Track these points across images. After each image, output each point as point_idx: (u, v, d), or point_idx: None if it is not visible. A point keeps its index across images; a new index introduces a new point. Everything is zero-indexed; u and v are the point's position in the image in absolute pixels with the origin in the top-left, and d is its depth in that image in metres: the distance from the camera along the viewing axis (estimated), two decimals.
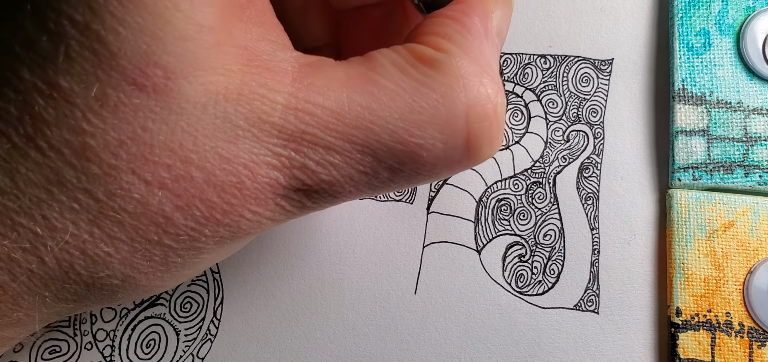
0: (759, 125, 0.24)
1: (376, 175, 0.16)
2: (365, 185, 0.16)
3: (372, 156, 0.15)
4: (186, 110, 0.13)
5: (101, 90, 0.13)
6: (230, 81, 0.14)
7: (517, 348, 0.24)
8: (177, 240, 0.14)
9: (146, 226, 0.14)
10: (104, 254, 0.14)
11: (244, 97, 0.14)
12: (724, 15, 0.25)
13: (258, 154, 0.14)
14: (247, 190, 0.14)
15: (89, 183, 0.13)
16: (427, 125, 0.15)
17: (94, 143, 0.13)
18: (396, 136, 0.15)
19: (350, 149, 0.15)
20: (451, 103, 0.15)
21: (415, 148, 0.15)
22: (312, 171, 0.15)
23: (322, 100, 0.14)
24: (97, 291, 0.15)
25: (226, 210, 0.14)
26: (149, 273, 0.15)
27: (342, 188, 0.16)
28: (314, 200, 0.16)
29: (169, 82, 0.13)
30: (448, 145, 0.15)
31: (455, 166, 0.16)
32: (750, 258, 0.23)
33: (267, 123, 0.14)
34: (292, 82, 0.14)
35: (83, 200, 0.13)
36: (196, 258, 0.15)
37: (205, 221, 0.14)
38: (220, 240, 0.15)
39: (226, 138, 0.14)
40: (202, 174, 0.14)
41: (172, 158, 0.13)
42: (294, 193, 0.15)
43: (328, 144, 0.15)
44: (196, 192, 0.14)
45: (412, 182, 0.17)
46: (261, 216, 0.15)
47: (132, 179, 0.13)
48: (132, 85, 0.13)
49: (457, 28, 0.16)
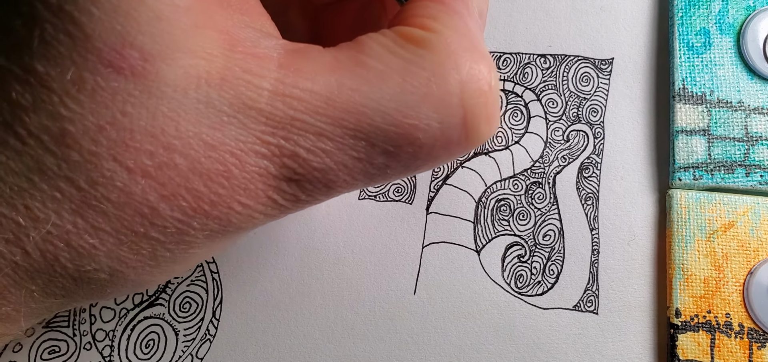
0: (760, 125, 0.24)
1: (371, 161, 0.15)
2: (360, 173, 0.15)
3: (365, 140, 0.15)
4: (166, 94, 0.13)
5: (77, 73, 0.12)
6: (212, 65, 0.13)
7: (516, 348, 0.24)
8: (164, 233, 0.14)
9: (131, 217, 0.14)
10: (89, 246, 0.14)
11: (227, 82, 0.13)
12: (724, 14, 0.24)
13: (245, 141, 0.14)
14: (235, 180, 0.14)
15: (70, 170, 0.13)
16: (420, 105, 0.15)
17: (73, 129, 0.13)
18: (389, 117, 0.15)
19: (342, 134, 0.14)
20: (444, 80, 0.15)
21: (409, 129, 0.15)
22: (303, 159, 0.14)
23: (310, 84, 0.14)
24: (85, 285, 0.15)
25: (214, 201, 0.14)
26: (138, 268, 0.15)
27: (336, 176, 0.15)
28: (308, 192, 0.15)
29: (147, 64, 0.13)
30: (445, 124, 0.15)
31: (454, 147, 0.16)
32: (750, 259, 0.23)
33: (253, 109, 0.14)
34: (278, 68, 0.14)
35: (65, 188, 0.13)
36: (185, 253, 0.15)
37: (193, 212, 0.14)
38: (210, 234, 0.15)
39: (210, 124, 0.13)
40: (187, 161, 0.13)
41: (154, 144, 0.13)
42: (286, 184, 0.15)
43: (318, 129, 0.14)
44: (181, 181, 0.14)
45: (411, 168, 0.16)
46: (252, 209, 0.15)
47: (113, 166, 0.13)
48: (108, 67, 0.12)
49: (441, 8, 0.16)
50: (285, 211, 0.16)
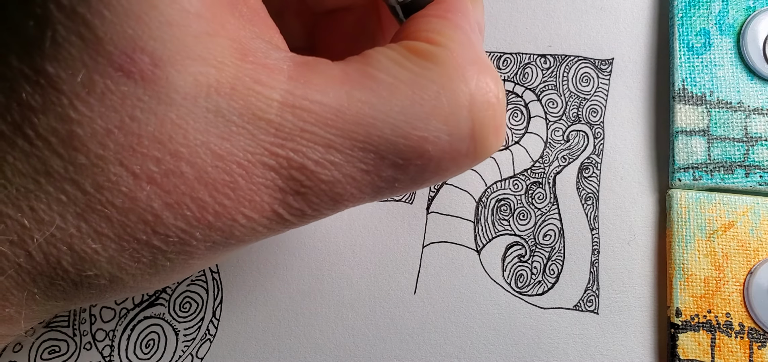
0: (759, 125, 0.24)
1: (380, 174, 0.15)
2: (368, 186, 0.15)
3: (374, 152, 0.15)
4: (175, 101, 0.13)
5: (88, 76, 0.12)
6: (222, 74, 0.13)
7: (516, 348, 0.24)
8: (166, 242, 0.14)
9: (135, 224, 0.14)
10: (91, 251, 0.14)
11: (237, 92, 0.13)
12: (724, 15, 0.25)
13: (253, 152, 0.14)
14: (241, 191, 0.14)
15: (76, 173, 0.13)
16: (429, 117, 0.15)
17: (81, 132, 0.13)
18: (398, 130, 0.15)
19: (351, 146, 0.14)
20: (453, 93, 0.15)
21: (418, 142, 0.15)
22: (311, 171, 0.14)
23: (320, 96, 0.14)
24: (85, 289, 0.15)
25: (218, 212, 0.14)
26: (137, 275, 0.15)
27: (343, 189, 0.15)
28: (314, 206, 0.15)
29: (157, 70, 0.13)
30: (454, 137, 0.15)
31: (462, 159, 0.16)
32: (750, 259, 0.23)
33: (263, 120, 0.14)
34: (288, 80, 0.14)
35: (71, 191, 0.13)
36: (185, 263, 0.15)
37: (197, 222, 0.14)
38: (212, 246, 0.15)
39: (219, 133, 0.13)
40: (193, 170, 0.13)
41: (161, 151, 0.13)
42: (292, 198, 0.15)
43: (327, 142, 0.14)
44: (186, 190, 0.14)
45: (418, 182, 0.16)
46: (256, 222, 0.15)
47: (120, 171, 0.13)
48: (119, 71, 0.12)
49: (445, 23, 0.16)
50: (288, 226, 0.16)
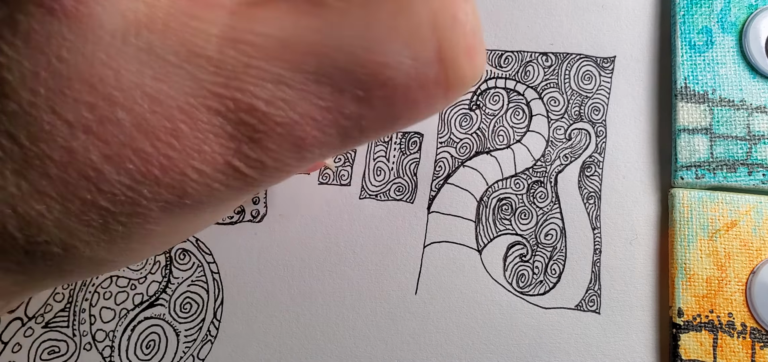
0: (762, 123, 0.24)
1: (341, 111, 0.14)
2: (331, 126, 0.14)
3: (330, 85, 0.13)
4: (103, 39, 0.12)
5: (9, 14, 0.12)
6: (153, 10, 0.12)
7: (517, 348, 0.23)
8: (114, 202, 0.13)
9: (76, 181, 0.13)
10: (36, 213, 0.13)
11: (170, 28, 0.13)
12: (726, 13, 0.24)
13: (194, 94, 0.13)
14: (186, 140, 0.13)
15: (10, 124, 0.12)
16: (387, 40, 0.13)
17: (9, 77, 0.12)
18: (353, 56, 0.13)
19: (303, 80, 0.13)
20: (412, 10, 0.13)
21: (378, 68, 0.13)
22: (263, 112, 0.13)
23: (264, 28, 0.13)
24: (40, 260, 0.14)
25: (164, 164, 0.13)
26: (91, 243, 0.14)
27: (303, 132, 0.14)
28: (274, 155, 0.14)
29: (80, 6, 0.12)
30: (418, 60, 0.13)
31: (432, 87, 0.14)
32: (753, 258, 0.23)
33: (201, 57, 0.13)
34: (229, 15, 0.13)
35: (6, 145, 0.12)
36: (141, 228, 0.14)
37: (142, 177, 0.13)
38: (164, 206, 0.14)
39: (154, 75, 0.12)
40: (130, 117, 0.12)
41: (94, 96, 0.12)
42: (247, 147, 0.13)
43: (276, 77, 0.13)
44: (125, 140, 0.13)
45: (388, 120, 0.14)
46: (209, 177, 0.14)
47: (53, 119, 0.12)
48: (41, 7, 0.12)
49: None
50: (252, 183, 0.14)
